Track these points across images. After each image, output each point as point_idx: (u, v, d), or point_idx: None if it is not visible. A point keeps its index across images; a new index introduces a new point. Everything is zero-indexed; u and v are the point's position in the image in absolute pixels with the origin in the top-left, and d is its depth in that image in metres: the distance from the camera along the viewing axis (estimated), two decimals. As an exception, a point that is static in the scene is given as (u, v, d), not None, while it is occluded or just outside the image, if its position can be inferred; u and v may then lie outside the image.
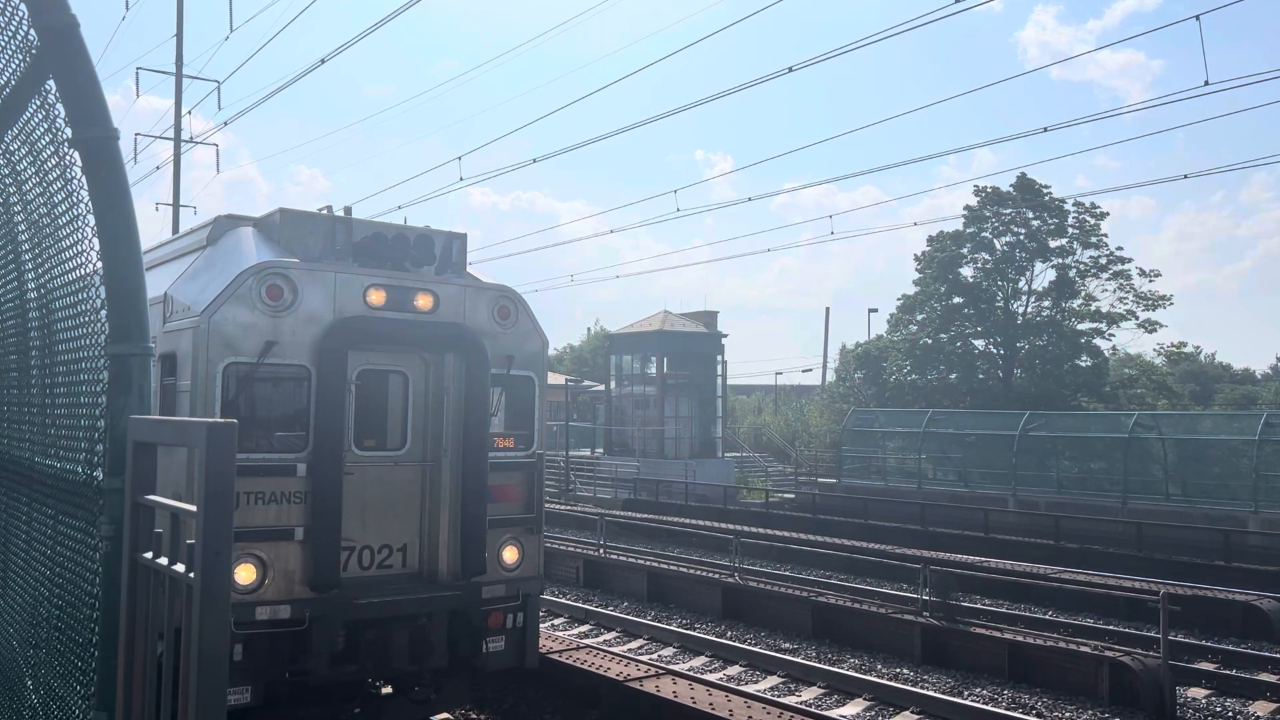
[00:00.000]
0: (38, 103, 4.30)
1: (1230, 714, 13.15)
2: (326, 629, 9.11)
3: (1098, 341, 51.52)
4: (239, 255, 9.63)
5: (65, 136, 3.99)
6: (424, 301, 10.02)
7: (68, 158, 4.04)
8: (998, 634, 14.87)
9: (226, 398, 8.89)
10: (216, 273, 9.50)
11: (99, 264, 3.92)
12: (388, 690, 10.17)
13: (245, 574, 8.87)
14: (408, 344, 10.11)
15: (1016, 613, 18.73)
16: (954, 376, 52.53)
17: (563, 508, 35.24)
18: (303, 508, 9.16)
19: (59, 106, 3.99)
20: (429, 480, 10.27)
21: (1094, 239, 50.91)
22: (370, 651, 9.43)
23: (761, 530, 28.12)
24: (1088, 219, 50.90)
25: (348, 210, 10.61)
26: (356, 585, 9.49)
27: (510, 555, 10.47)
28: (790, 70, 18.76)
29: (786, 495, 40.77)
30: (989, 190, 51.55)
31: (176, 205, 32.59)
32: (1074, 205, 50.57)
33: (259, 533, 8.93)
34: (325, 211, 10.46)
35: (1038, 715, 12.69)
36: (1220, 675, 14.67)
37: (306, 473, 9.17)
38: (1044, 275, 52.01)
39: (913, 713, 12.62)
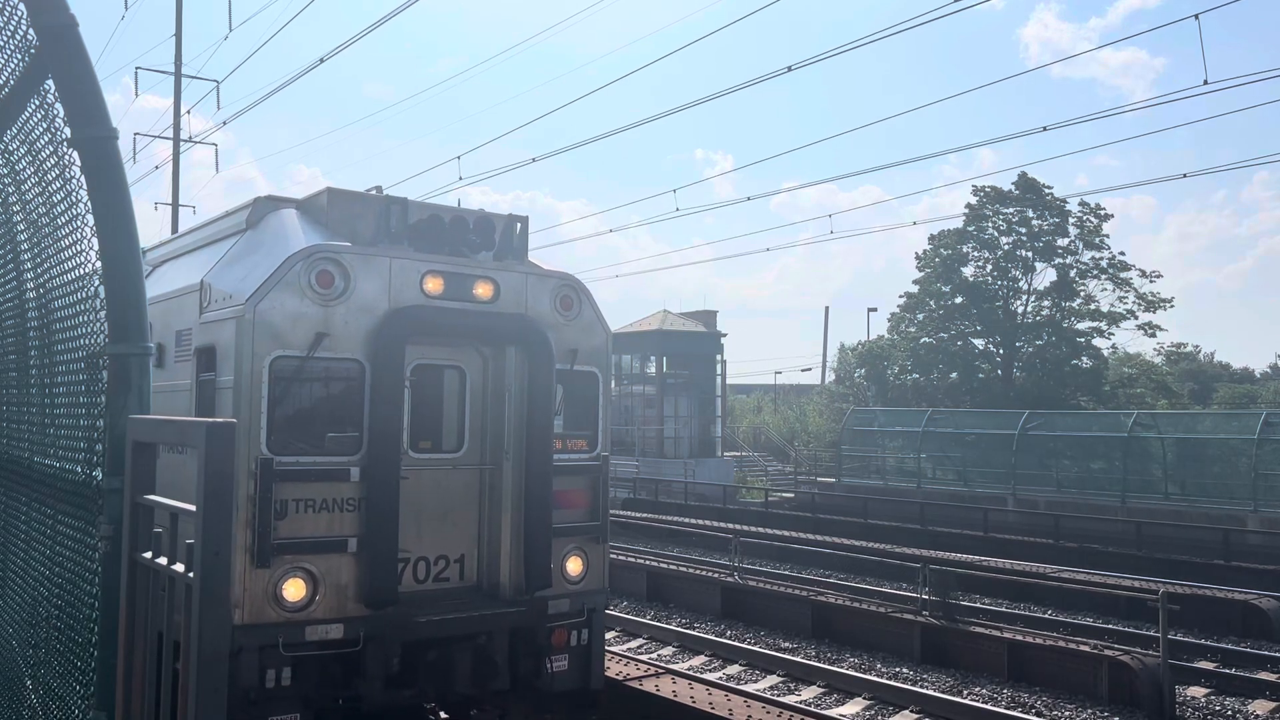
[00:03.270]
0: (37, 102, 4.30)
1: (1230, 713, 13.15)
2: (382, 650, 8.37)
3: (1098, 341, 51.57)
4: (284, 238, 8.87)
5: (64, 136, 3.99)
6: (484, 290, 9.26)
7: (67, 158, 4.04)
8: (997, 633, 14.87)
9: (274, 395, 8.17)
10: (260, 257, 8.73)
11: (98, 264, 3.92)
12: (444, 716, 9.59)
13: (294, 590, 8.11)
14: (468, 337, 9.38)
15: (1016, 612, 18.73)
16: (954, 376, 52.53)
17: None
18: (356, 516, 8.41)
19: (58, 106, 4.00)
20: (488, 485, 9.53)
21: (1096, 239, 50.90)
22: (430, 674, 8.69)
23: (761, 529, 28.11)
24: (1090, 220, 50.89)
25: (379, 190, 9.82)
26: (412, 601, 8.74)
27: (574, 567, 9.70)
28: (790, 70, 18.77)
29: (786, 495, 40.76)
30: (988, 190, 51.55)
31: (176, 205, 32.59)
32: (1077, 205, 50.61)
33: (309, 544, 8.19)
34: (374, 192, 9.72)
35: (1037, 714, 12.68)
36: (1220, 674, 14.67)
37: (360, 477, 8.43)
38: (1044, 275, 52.06)
39: (912, 712, 12.62)
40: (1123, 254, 51.66)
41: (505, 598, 9.21)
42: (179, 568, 3.24)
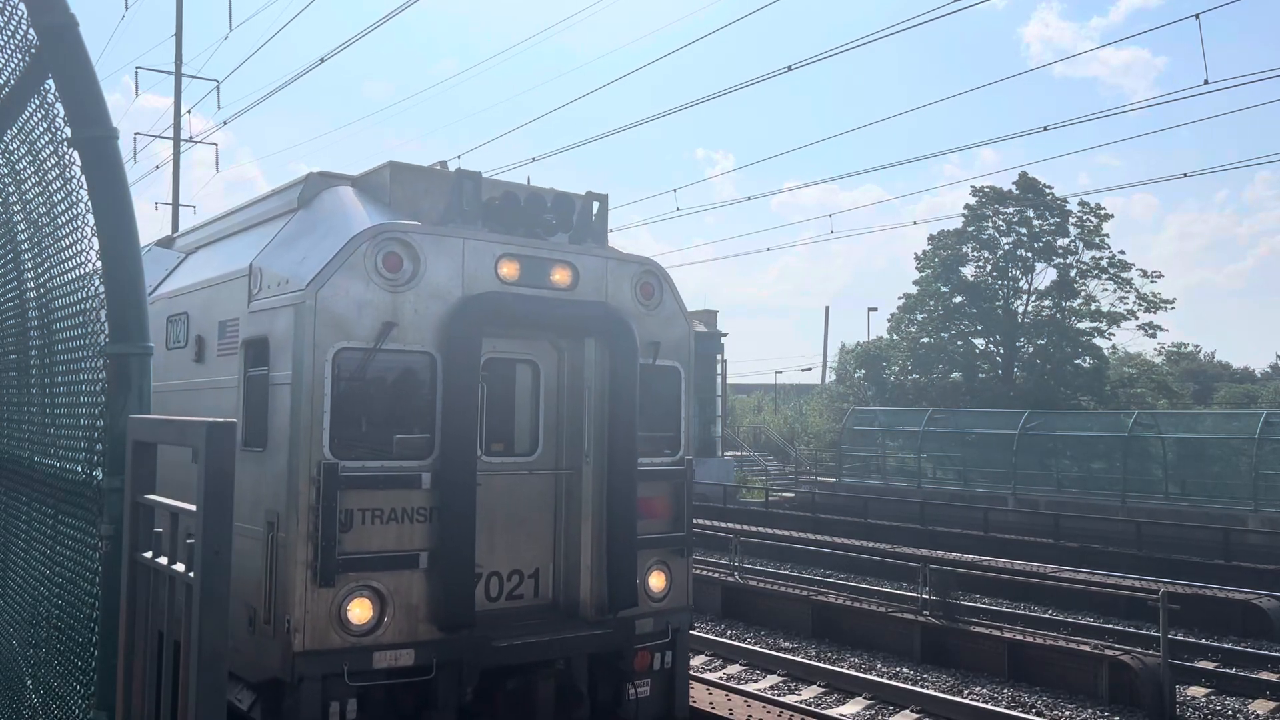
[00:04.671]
0: (37, 102, 4.30)
1: (1230, 712, 13.15)
2: (458, 678, 7.61)
3: (1098, 341, 51.58)
4: (344, 218, 8.08)
5: (64, 136, 3.99)
6: (561, 276, 8.47)
7: (67, 157, 4.05)
8: (997, 633, 14.87)
9: (337, 392, 7.38)
10: (318, 238, 7.96)
11: (99, 264, 3.92)
12: None
13: (360, 610, 7.35)
14: (546, 327, 8.60)
15: (1016, 611, 18.73)
16: (954, 376, 52.55)
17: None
18: (427, 527, 7.65)
19: (58, 106, 4.00)
20: (564, 492, 8.76)
21: (1096, 239, 50.92)
22: (510, 704, 7.95)
23: (761, 529, 28.11)
24: (1090, 219, 50.91)
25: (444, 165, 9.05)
26: (486, 622, 7.95)
27: (657, 582, 8.89)
28: (790, 70, 18.76)
29: (786, 494, 40.76)
30: (987, 190, 51.56)
31: (176, 204, 32.59)
32: (1077, 205, 50.64)
33: (377, 559, 7.44)
34: (439, 167, 8.99)
35: (1037, 714, 12.68)
36: (1220, 674, 14.66)
37: (431, 484, 7.65)
38: (1044, 275, 52.08)
39: (912, 711, 12.62)
40: (1123, 253, 51.76)
41: (586, 617, 8.45)
42: (179, 568, 3.24)
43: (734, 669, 14.80)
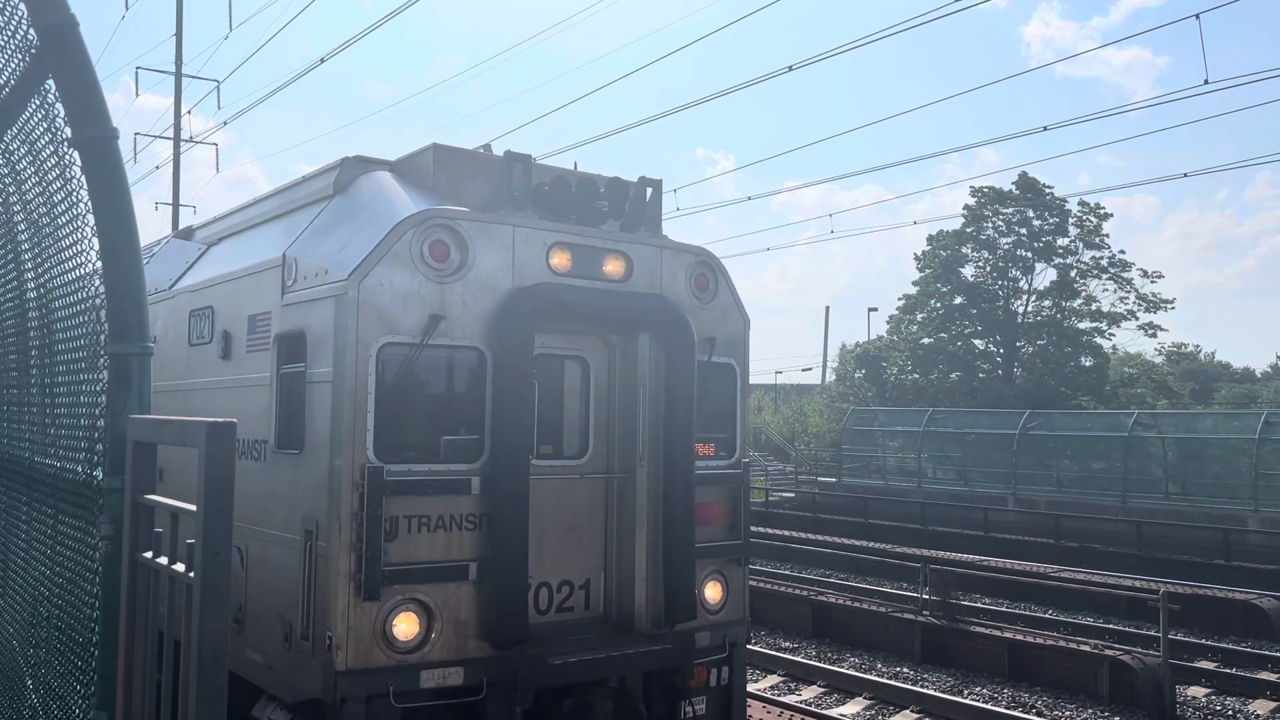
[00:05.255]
0: (37, 102, 4.31)
1: (1230, 712, 13.15)
2: (509, 698, 7.12)
3: (1098, 341, 51.60)
4: (386, 203, 7.63)
5: (65, 136, 3.99)
6: (614, 266, 8.00)
7: (67, 157, 4.05)
8: (998, 633, 14.87)
9: (382, 390, 6.92)
10: (359, 226, 7.51)
11: (99, 264, 3.92)
12: None
13: (406, 625, 6.87)
14: (599, 321, 8.11)
15: (1016, 612, 18.73)
16: (954, 376, 52.57)
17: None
18: (476, 536, 7.18)
19: (58, 106, 4.00)
20: (616, 497, 8.28)
21: (1096, 239, 50.95)
22: None
23: (761, 529, 28.10)
24: (1090, 219, 50.93)
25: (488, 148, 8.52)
26: (537, 637, 7.43)
27: (714, 593, 8.43)
28: (790, 70, 18.76)
29: (786, 494, 40.76)
30: (987, 190, 51.58)
31: (176, 205, 32.58)
32: (1077, 205, 50.68)
33: (423, 571, 6.95)
34: (483, 150, 8.49)
35: (1038, 714, 12.68)
36: (1220, 674, 14.67)
37: (481, 489, 7.19)
38: (1044, 275, 52.11)
39: (913, 711, 12.62)
40: (1123, 253, 51.81)
41: (641, 631, 7.91)
42: (179, 568, 3.24)
43: (734, 669, 14.79)
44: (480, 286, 7.31)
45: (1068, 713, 12.81)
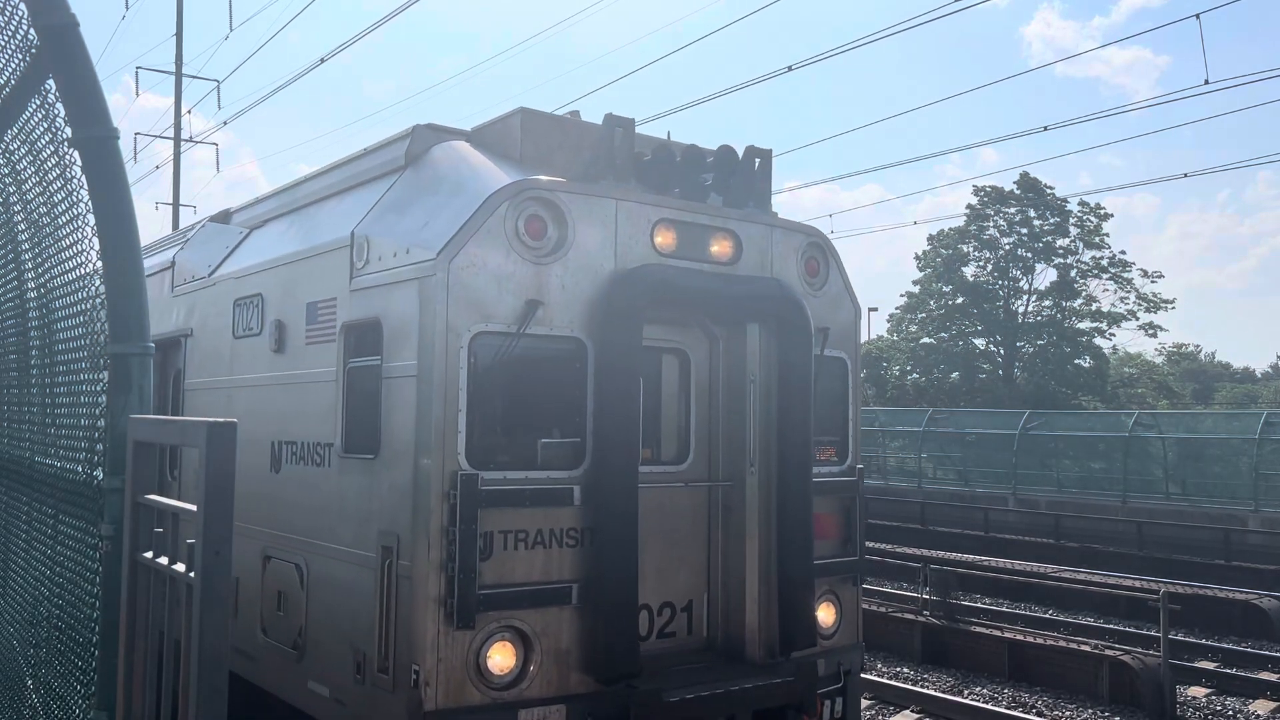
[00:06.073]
0: (37, 102, 4.31)
1: (1230, 713, 13.15)
2: None
3: (1099, 341, 51.65)
4: (473, 174, 6.72)
5: (65, 136, 4.00)
6: (721, 247, 7.12)
7: (67, 157, 4.05)
8: (998, 633, 14.87)
9: (474, 386, 6.10)
10: (443, 199, 6.64)
11: (99, 263, 3.93)
12: None
13: (502, 657, 6.06)
14: (710, 309, 7.24)
15: (1017, 612, 18.72)
16: (955, 376, 52.61)
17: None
18: (578, 553, 6.34)
19: (59, 106, 4.00)
20: (720, 508, 7.41)
21: (1096, 239, 50.99)
22: None
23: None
24: (1090, 219, 50.97)
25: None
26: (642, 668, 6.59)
27: (827, 615, 7.64)
28: (790, 69, 18.78)
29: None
30: (988, 190, 51.62)
31: (176, 204, 32.62)
32: (1078, 205, 50.73)
33: (521, 594, 6.13)
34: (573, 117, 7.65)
35: (1038, 714, 12.68)
36: (1220, 674, 14.66)
37: (582, 499, 6.38)
38: (1045, 275, 52.15)
39: (913, 712, 12.61)
40: (1123, 253, 51.87)
41: (753, 659, 7.09)
42: (180, 568, 3.24)
43: (734, 669, 14.79)
44: (580, 268, 6.50)
45: (1068, 713, 12.81)
